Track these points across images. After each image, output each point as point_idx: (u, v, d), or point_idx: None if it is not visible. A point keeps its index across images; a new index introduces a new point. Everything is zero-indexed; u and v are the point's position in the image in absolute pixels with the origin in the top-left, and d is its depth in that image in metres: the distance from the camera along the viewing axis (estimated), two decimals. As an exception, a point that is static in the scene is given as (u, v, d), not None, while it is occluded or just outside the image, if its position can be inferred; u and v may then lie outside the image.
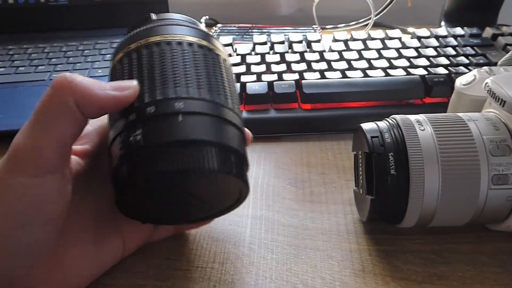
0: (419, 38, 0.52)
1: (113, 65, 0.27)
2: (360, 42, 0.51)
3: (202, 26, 0.28)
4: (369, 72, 0.45)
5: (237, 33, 0.65)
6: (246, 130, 0.27)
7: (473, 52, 0.48)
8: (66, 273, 0.24)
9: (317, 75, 0.45)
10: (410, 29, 0.56)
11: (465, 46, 0.50)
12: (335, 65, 0.46)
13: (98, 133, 0.27)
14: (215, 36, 0.28)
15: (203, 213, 0.28)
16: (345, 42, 0.51)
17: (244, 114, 0.42)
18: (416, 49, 0.49)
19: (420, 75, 0.44)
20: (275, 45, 0.51)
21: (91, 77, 0.50)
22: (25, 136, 0.21)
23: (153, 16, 0.28)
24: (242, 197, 0.26)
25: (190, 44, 0.26)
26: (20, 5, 0.61)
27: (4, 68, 0.53)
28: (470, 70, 0.44)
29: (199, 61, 0.25)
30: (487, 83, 0.29)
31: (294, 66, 0.46)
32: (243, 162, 0.25)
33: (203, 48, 0.26)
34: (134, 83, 0.24)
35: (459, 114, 0.29)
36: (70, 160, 0.24)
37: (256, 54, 0.50)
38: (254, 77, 0.45)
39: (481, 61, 0.46)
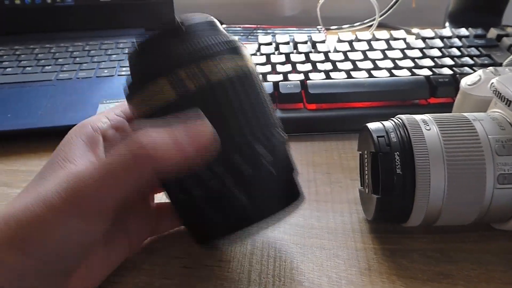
0: (423, 39, 0.52)
1: (156, 87, 0.23)
2: (364, 42, 0.51)
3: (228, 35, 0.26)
4: (374, 72, 0.45)
5: (241, 34, 0.66)
6: None
7: (477, 52, 0.48)
8: (81, 276, 0.25)
9: (322, 75, 0.45)
10: (415, 30, 0.56)
11: (469, 46, 0.50)
12: (340, 65, 0.47)
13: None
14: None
15: None
16: (350, 42, 0.51)
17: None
18: (421, 49, 0.49)
19: (425, 76, 0.44)
20: (280, 45, 0.51)
21: (97, 77, 0.51)
22: (94, 185, 0.21)
23: (181, 22, 0.24)
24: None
25: (250, 73, 0.25)
26: (27, 6, 0.62)
27: (12, 68, 0.53)
28: (475, 71, 0.44)
29: (264, 97, 0.26)
30: (492, 83, 0.29)
31: (299, 67, 0.47)
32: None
33: (257, 78, 0.26)
34: (208, 128, 0.22)
35: (465, 114, 0.29)
36: None
37: (262, 54, 0.50)
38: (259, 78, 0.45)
39: (486, 62, 0.46)
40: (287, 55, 0.49)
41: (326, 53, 0.49)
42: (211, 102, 0.23)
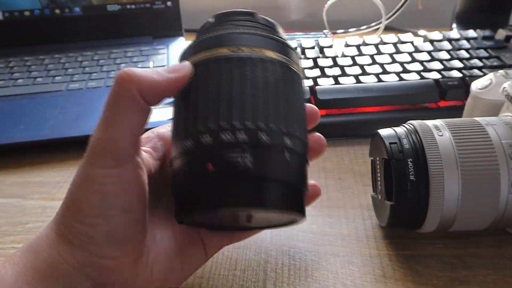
0: (431, 42, 0.52)
1: (199, 60, 0.24)
2: (372, 46, 0.51)
3: (283, 34, 0.28)
4: (382, 76, 0.45)
5: (248, 40, 0.66)
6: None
7: (486, 54, 0.48)
8: (154, 278, 0.25)
9: (331, 80, 0.45)
10: (422, 32, 0.56)
11: (478, 48, 0.50)
12: (348, 70, 0.47)
13: (160, 138, 0.28)
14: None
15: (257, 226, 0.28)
16: (358, 47, 0.51)
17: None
18: (429, 52, 0.49)
19: (434, 79, 0.44)
20: (287, 51, 0.51)
21: (107, 86, 0.51)
22: (100, 131, 0.23)
23: (255, 15, 0.27)
24: (298, 221, 0.26)
25: (289, 69, 0.25)
26: (36, 17, 0.62)
27: (22, 79, 0.54)
28: (484, 73, 0.44)
29: (298, 92, 0.26)
30: (505, 87, 0.29)
31: (308, 72, 0.47)
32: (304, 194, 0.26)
33: (297, 73, 0.26)
34: (186, 63, 0.24)
35: (477, 118, 0.29)
36: (140, 150, 0.25)
37: (269, 60, 0.50)
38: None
39: (495, 64, 0.46)
40: (295, 60, 0.49)
41: (334, 58, 0.49)
42: (236, 69, 0.24)
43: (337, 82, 0.45)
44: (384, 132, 0.30)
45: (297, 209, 0.24)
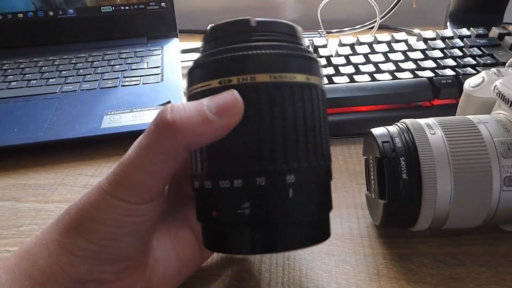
0: (425, 40, 0.52)
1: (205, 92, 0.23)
2: (366, 46, 0.51)
3: (306, 42, 0.25)
4: (376, 75, 0.45)
5: (243, 40, 0.66)
6: None
7: (480, 52, 0.48)
8: (152, 283, 0.25)
9: (325, 80, 0.45)
10: (416, 31, 0.56)
11: (472, 46, 0.50)
12: (342, 69, 0.47)
13: None
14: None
15: None
16: (352, 46, 0.51)
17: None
18: (423, 51, 0.49)
19: (427, 77, 0.44)
20: (282, 51, 0.51)
21: (101, 88, 0.51)
22: (131, 168, 0.22)
23: (252, 23, 0.24)
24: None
25: (301, 87, 0.23)
26: (29, 19, 0.62)
27: (16, 82, 0.54)
28: (477, 71, 0.44)
29: (308, 113, 0.23)
30: (496, 85, 0.29)
31: (302, 72, 0.47)
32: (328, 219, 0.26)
33: (311, 90, 0.23)
34: (238, 102, 0.21)
35: (469, 116, 0.29)
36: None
37: (264, 60, 0.50)
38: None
39: (489, 62, 0.46)
40: (289, 60, 0.49)
41: (328, 58, 0.49)
42: (249, 100, 0.22)
43: (331, 82, 0.45)
44: (376, 131, 0.30)
45: (306, 243, 0.23)
